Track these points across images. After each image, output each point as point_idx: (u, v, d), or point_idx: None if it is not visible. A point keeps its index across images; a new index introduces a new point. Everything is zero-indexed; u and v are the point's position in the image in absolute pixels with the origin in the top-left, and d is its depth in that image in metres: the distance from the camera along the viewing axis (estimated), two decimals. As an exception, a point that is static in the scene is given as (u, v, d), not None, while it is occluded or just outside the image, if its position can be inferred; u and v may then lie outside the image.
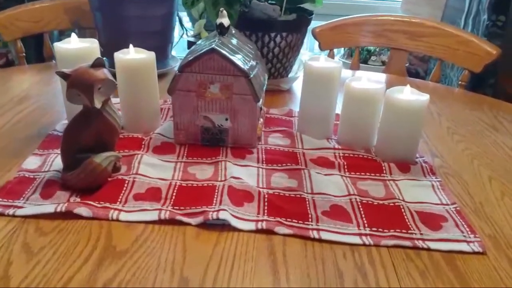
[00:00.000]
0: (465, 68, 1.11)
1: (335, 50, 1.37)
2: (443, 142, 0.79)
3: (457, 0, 1.89)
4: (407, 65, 1.96)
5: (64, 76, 0.55)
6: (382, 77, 1.14)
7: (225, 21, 0.69)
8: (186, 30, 1.58)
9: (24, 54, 1.16)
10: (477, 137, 0.82)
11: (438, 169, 0.69)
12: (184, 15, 1.88)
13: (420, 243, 0.53)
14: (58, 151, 0.67)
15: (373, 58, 1.88)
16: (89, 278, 0.46)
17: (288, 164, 0.68)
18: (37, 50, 1.55)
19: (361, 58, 1.90)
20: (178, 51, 1.63)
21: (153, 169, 0.64)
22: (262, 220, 0.55)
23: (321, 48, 1.19)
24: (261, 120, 0.77)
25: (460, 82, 1.12)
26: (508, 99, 1.91)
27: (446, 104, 0.98)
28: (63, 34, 1.84)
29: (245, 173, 0.64)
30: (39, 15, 1.17)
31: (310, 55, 2.62)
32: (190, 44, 1.66)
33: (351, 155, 0.71)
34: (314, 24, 0.97)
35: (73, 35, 0.68)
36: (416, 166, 0.68)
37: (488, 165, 0.72)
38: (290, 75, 1.01)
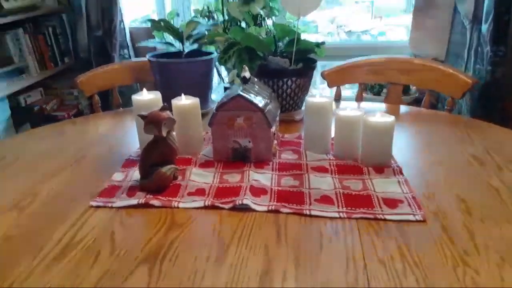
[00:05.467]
0: (449, 95, 1.35)
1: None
2: (415, 152, 1.03)
3: (459, 35, 2.12)
4: (417, 95, 2.19)
5: (143, 117, 0.86)
6: (382, 106, 1.39)
7: (247, 74, 1.00)
8: (223, 79, 1.92)
9: (100, 104, 1.53)
10: (450, 149, 1.05)
11: (407, 171, 0.93)
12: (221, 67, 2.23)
13: (379, 216, 0.77)
14: (135, 168, 0.98)
15: (384, 90, 2.12)
16: (164, 236, 0.74)
17: (294, 170, 0.94)
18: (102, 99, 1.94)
19: (374, 91, 2.15)
20: (218, 95, 1.98)
21: (199, 177, 0.93)
22: (272, 205, 0.81)
23: (329, 86, 1.47)
24: (275, 142, 1.04)
25: (446, 107, 1.36)
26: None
27: (428, 123, 1.21)
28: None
29: (262, 177, 0.91)
30: (110, 75, 1.55)
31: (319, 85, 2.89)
32: (226, 89, 2.00)
33: (342, 164, 0.97)
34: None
35: (144, 90, 1.00)
36: (389, 168, 0.93)
37: (448, 168, 0.95)
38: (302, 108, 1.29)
